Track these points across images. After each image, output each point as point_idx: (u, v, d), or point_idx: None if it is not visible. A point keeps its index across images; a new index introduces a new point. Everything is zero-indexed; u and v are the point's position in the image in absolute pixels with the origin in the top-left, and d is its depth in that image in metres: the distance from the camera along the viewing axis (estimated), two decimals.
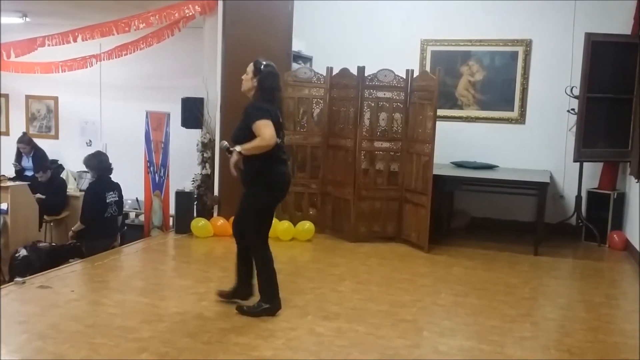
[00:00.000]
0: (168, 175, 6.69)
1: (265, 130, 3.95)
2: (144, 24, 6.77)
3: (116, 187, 6.53)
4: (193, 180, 6.77)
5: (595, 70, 6.50)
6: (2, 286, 4.70)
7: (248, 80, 4.19)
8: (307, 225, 6.55)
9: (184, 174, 6.84)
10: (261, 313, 4.10)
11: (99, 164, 6.44)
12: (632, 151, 6.32)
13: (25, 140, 8.48)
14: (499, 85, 7.56)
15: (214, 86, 6.51)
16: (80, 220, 6.34)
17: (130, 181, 8.18)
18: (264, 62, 4.18)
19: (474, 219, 7.58)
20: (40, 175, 7.71)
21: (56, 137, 9.81)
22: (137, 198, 8.51)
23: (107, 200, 6.33)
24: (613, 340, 3.98)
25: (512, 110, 7.50)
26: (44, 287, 4.58)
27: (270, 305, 4.15)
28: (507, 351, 3.71)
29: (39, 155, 8.41)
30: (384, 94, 6.55)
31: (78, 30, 7.19)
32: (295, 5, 7.31)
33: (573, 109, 6.93)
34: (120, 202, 6.57)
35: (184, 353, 3.48)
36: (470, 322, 4.23)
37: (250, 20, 6.70)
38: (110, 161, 6.63)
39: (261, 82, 4.13)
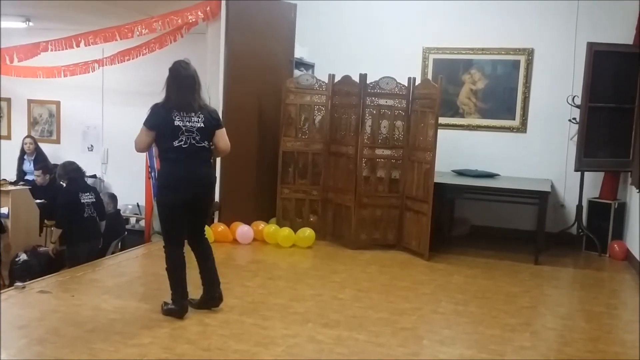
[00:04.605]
0: None
1: (137, 137, 4.11)
2: (146, 30, 6.79)
3: (92, 190, 6.40)
4: None
5: (597, 80, 6.50)
6: (2, 290, 4.70)
7: None
8: (307, 232, 6.54)
9: None
10: (168, 313, 4.12)
11: (63, 169, 6.34)
12: (633, 161, 6.32)
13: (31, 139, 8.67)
14: (501, 94, 7.56)
15: (216, 92, 6.50)
16: (55, 225, 6.17)
17: (131, 186, 8.22)
18: (178, 60, 4.14)
19: (475, 227, 7.58)
20: (39, 174, 7.59)
21: (58, 141, 9.82)
22: (137, 203, 8.51)
23: (83, 201, 6.11)
24: (613, 350, 3.97)
25: (514, 119, 7.51)
26: (44, 292, 4.58)
27: (177, 307, 4.11)
28: None
29: (40, 159, 8.45)
30: (386, 102, 6.55)
31: (81, 35, 7.22)
32: (298, 11, 7.33)
33: (574, 118, 6.94)
34: (98, 204, 6.33)
35: (183, 359, 3.48)
36: (470, 330, 4.22)
37: (253, 26, 6.71)
38: (81, 166, 6.49)
39: (166, 80, 4.10)
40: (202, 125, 4.11)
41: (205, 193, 4.27)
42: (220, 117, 6.41)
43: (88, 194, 6.24)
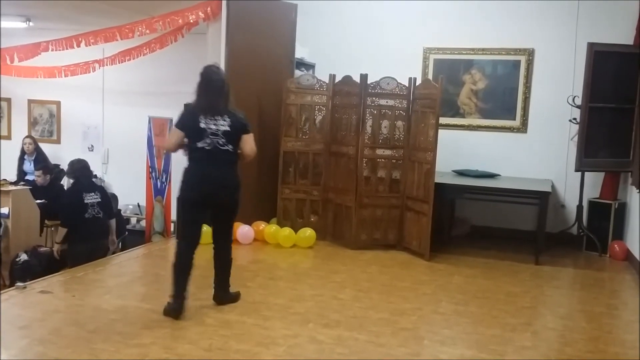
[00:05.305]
0: (170, 181, 6.69)
1: (169, 136, 4.37)
2: (147, 30, 6.79)
3: (98, 189, 6.31)
4: None
5: (598, 80, 6.50)
6: (3, 291, 4.70)
7: None
8: (308, 232, 6.55)
9: None
10: (165, 312, 4.17)
11: (71, 167, 6.32)
12: (633, 161, 6.33)
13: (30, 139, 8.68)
14: (501, 94, 7.57)
15: None
16: (60, 224, 6.14)
17: (132, 186, 8.22)
18: (209, 65, 4.36)
19: (475, 227, 7.58)
20: (39, 174, 7.59)
21: (58, 141, 9.82)
22: (138, 203, 8.51)
23: (86, 201, 6.03)
24: (613, 351, 3.98)
25: (514, 119, 7.51)
26: (45, 292, 4.58)
27: (170, 304, 4.15)
28: None
29: (40, 159, 8.45)
30: (387, 102, 6.55)
31: (82, 35, 7.22)
32: (299, 12, 7.33)
33: (575, 119, 6.94)
34: (104, 203, 6.22)
35: (184, 359, 3.48)
36: (471, 331, 4.23)
37: (253, 26, 6.72)
38: (89, 165, 6.45)
39: (197, 83, 4.25)
40: (228, 129, 4.22)
41: (226, 194, 4.32)
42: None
43: (92, 194, 6.14)
